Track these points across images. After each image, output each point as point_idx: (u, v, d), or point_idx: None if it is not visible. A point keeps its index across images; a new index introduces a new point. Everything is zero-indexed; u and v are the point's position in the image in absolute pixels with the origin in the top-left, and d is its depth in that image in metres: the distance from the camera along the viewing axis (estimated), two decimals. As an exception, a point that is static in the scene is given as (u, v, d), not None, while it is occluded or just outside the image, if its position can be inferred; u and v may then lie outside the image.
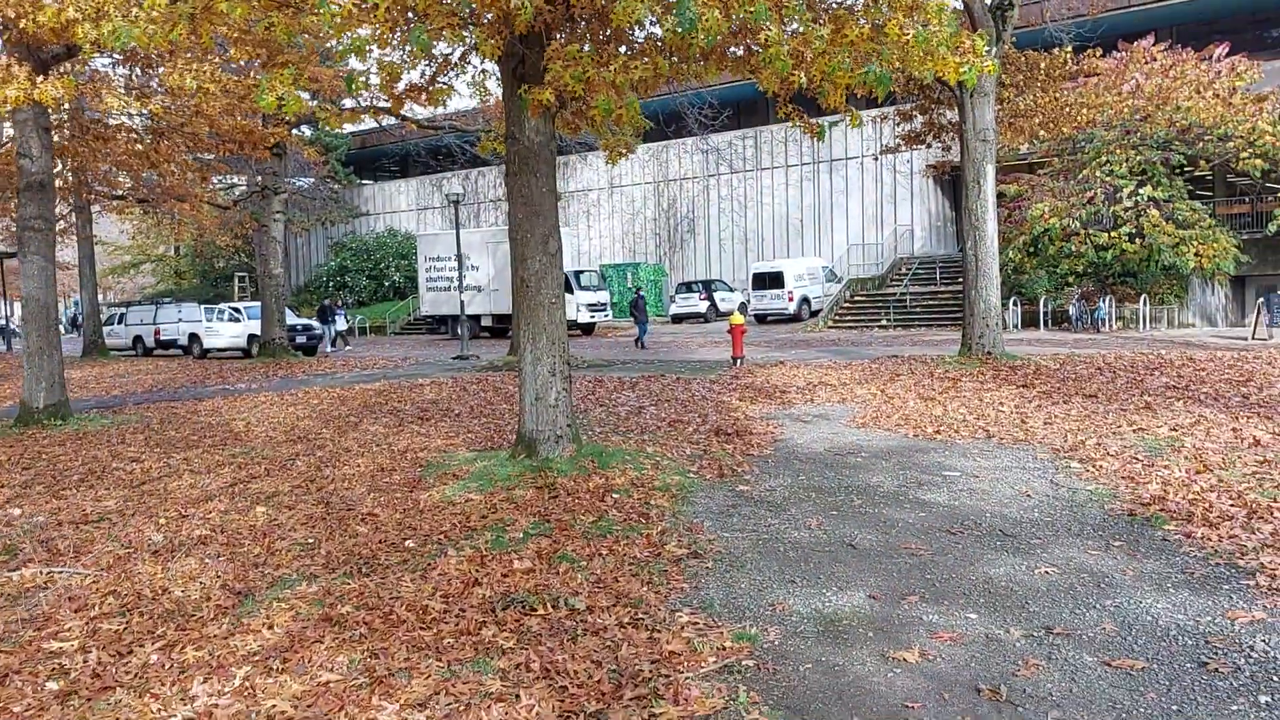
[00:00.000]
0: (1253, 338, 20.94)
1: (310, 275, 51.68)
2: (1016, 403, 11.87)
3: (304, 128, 45.26)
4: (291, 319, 30.52)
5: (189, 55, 13.66)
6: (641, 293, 26.66)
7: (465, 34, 7.50)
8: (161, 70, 15.27)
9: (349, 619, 5.30)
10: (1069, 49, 18.50)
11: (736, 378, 16.45)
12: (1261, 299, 22.00)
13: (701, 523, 6.93)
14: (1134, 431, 9.50)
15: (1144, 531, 6.23)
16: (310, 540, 7.20)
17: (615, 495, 7.71)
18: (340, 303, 35.72)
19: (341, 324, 32.41)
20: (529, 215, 8.70)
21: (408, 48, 8.27)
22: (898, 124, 20.79)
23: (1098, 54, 18.65)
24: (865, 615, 5.04)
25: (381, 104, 14.71)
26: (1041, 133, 19.02)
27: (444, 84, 10.03)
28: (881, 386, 14.02)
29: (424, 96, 8.67)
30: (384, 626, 5.13)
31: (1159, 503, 6.80)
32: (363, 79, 6.58)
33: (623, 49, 9.13)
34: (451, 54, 9.06)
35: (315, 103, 28.39)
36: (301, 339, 29.72)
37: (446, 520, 7.34)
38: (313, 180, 47.53)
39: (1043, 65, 17.83)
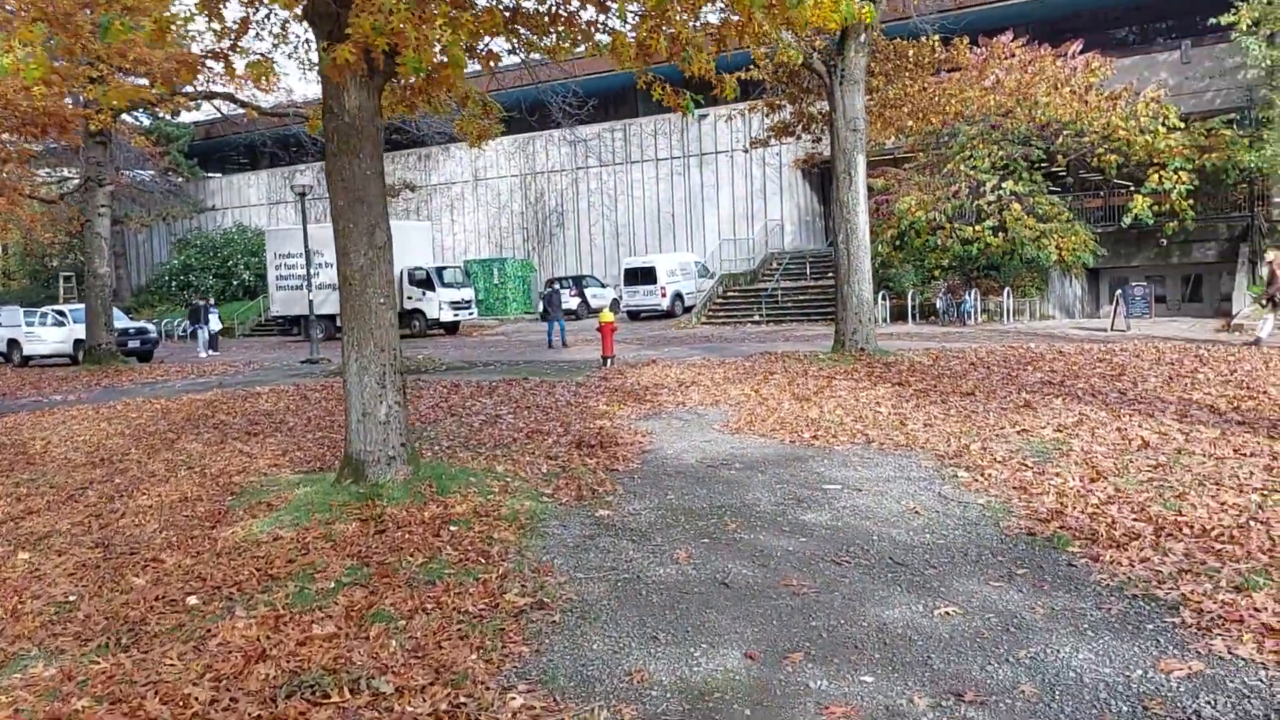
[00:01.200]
0: (1111, 329, 21.27)
1: (153, 274, 48.19)
2: (894, 402, 11.29)
3: (141, 116, 42.16)
4: (124, 322, 28.06)
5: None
6: (557, 288, 25.18)
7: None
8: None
9: (82, 719, 4.07)
10: (936, 38, 18.26)
11: (605, 379, 15.51)
12: (1119, 291, 22.41)
13: (551, 561, 5.91)
14: (1018, 433, 8.97)
15: (1047, 555, 5.53)
16: (72, 597, 5.88)
17: (453, 528, 6.62)
18: (214, 301, 32.78)
19: (216, 324, 29.87)
20: (351, 202, 7.50)
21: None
22: (766, 115, 20.21)
23: (965, 41, 18.48)
24: (741, 684, 4.12)
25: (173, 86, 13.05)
26: (911, 123, 18.74)
27: (260, 56, 8.72)
28: (755, 386, 13.30)
29: (225, 65, 7.36)
30: (123, 732, 3.93)
31: (1057, 518, 6.14)
32: (122, 26, 5.26)
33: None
34: (256, 13, 7.76)
35: (153, 89, 26.05)
36: (134, 343, 27.30)
37: (246, 566, 6.11)
38: (152, 173, 44.33)
39: (910, 54, 17.51)
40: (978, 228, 24.98)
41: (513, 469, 8.38)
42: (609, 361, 17.89)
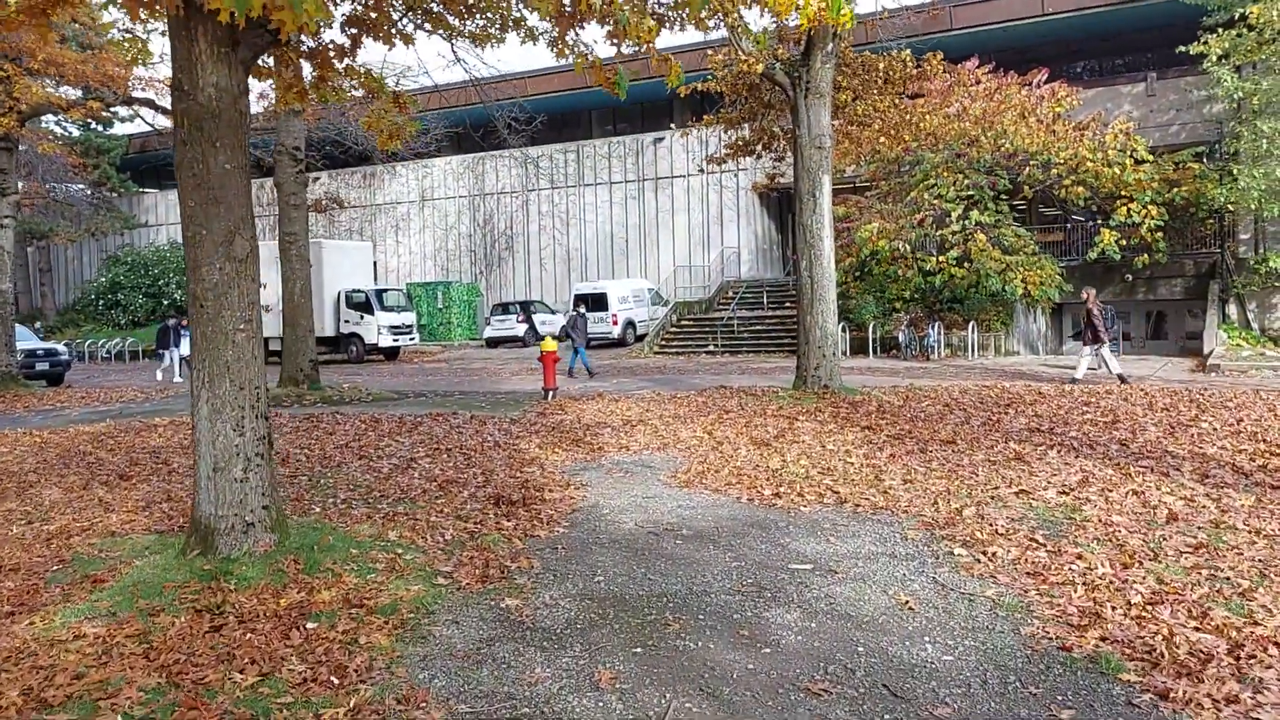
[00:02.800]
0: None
1: (80, 293, 45.79)
2: (865, 451, 9.93)
3: (70, 126, 40.09)
4: (32, 342, 25.96)
5: None
6: (582, 311, 23.10)
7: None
8: None
9: None
10: (908, 53, 17.15)
11: (544, 415, 14.01)
12: (1090, 329, 21.41)
13: (429, 683, 4.38)
14: (1016, 494, 7.62)
15: (1096, 687, 4.12)
16: None
17: (312, 625, 5.07)
18: (185, 321, 30.39)
19: (187, 347, 27.66)
20: (204, 203, 5.96)
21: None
22: (725, 130, 18.96)
23: (939, 58, 17.41)
24: None
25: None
26: (882, 139, 17.56)
27: (129, 34, 7.18)
28: (709, 428, 11.89)
29: (36, 24, 5.82)
30: None
31: (1095, 623, 4.75)
32: None
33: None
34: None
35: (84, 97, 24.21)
36: (43, 365, 25.24)
37: (18, 683, 4.50)
38: (82, 186, 42.19)
39: (881, 67, 16.36)
40: (941, 258, 23.94)
41: (410, 535, 6.82)
42: (550, 394, 16.39)
